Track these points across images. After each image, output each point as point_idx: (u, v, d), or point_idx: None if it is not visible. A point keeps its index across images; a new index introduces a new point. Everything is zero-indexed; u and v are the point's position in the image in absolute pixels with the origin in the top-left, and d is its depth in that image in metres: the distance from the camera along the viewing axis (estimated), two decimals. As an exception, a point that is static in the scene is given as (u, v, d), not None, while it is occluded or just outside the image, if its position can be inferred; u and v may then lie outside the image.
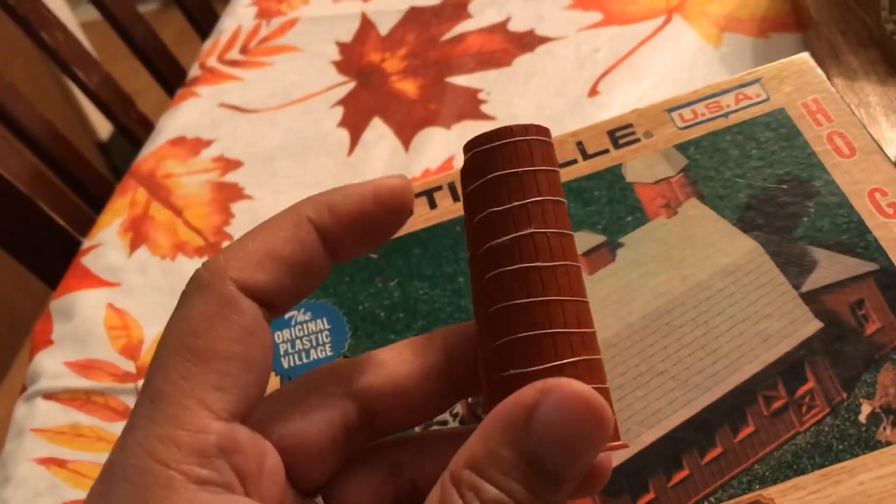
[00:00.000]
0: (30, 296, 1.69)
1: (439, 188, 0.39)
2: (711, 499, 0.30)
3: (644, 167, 0.38)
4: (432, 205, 0.39)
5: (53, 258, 0.64)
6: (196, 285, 0.21)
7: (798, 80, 0.39)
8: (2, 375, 1.66)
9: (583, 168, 0.39)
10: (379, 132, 0.59)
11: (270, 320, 0.22)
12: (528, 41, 0.62)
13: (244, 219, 0.56)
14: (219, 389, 0.20)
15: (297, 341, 0.36)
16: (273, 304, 0.21)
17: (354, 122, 0.61)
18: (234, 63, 0.70)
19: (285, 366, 0.36)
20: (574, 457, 0.19)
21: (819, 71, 0.39)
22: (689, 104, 0.39)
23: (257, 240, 0.21)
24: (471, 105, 0.59)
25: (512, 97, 0.59)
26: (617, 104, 0.55)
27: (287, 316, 0.37)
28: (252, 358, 0.20)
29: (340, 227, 0.22)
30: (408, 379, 0.24)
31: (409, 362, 0.24)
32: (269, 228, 0.22)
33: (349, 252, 0.23)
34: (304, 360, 0.36)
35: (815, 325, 0.33)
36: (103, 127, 1.98)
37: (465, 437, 0.20)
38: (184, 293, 0.21)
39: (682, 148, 0.38)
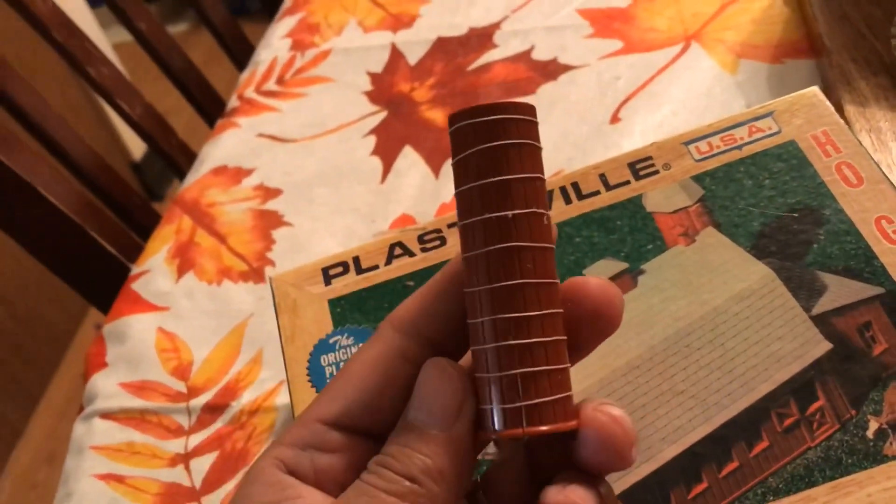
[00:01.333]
0: (67, 315, 1.74)
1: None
2: (729, 510, 0.32)
3: (663, 197, 0.41)
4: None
5: (103, 283, 0.68)
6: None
7: (808, 112, 0.41)
8: (42, 391, 1.70)
9: (605, 199, 0.41)
10: (410, 160, 0.62)
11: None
12: (552, 69, 0.65)
13: (285, 245, 0.59)
14: (331, 400, 0.24)
15: (342, 364, 0.39)
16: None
17: (386, 151, 0.64)
18: (270, 94, 0.73)
19: (331, 388, 0.39)
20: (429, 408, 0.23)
21: (828, 104, 0.41)
22: (704, 137, 0.42)
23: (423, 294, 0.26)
24: (498, 132, 0.61)
25: (537, 124, 0.61)
26: (637, 130, 0.58)
27: (331, 340, 0.40)
28: (357, 382, 0.25)
29: None
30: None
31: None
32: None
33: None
34: (349, 383, 0.38)
35: (824, 346, 0.35)
36: (136, 147, 2.03)
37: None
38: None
39: (698, 179, 0.41)
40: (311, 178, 0.64)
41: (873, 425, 0.33)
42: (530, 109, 0.23)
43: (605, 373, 0.37)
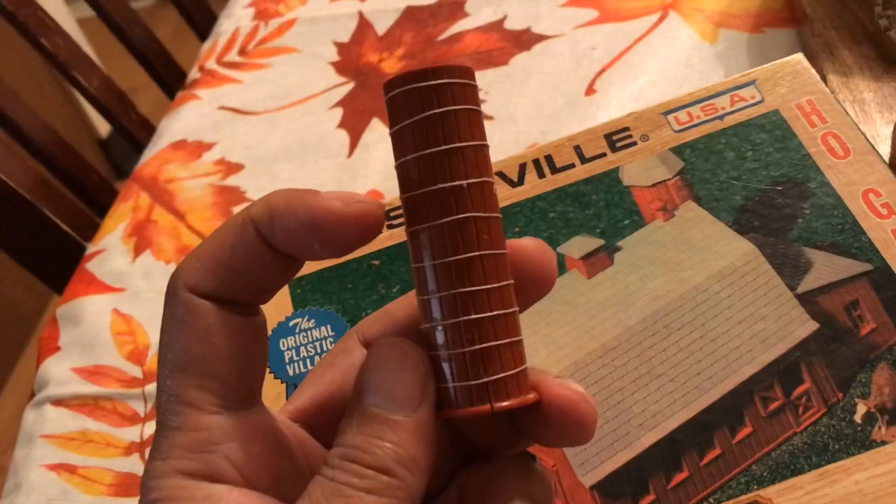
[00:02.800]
0: (34, 294, 1.70)
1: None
2: (711, 499, 0.31)
3: (641, 170, 0.39)
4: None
5: (58, 263, 0.65)
6: (166, 297, 0.22)
7: (792, 81, 0.39)
8: (7, 373, 1.66)
9: (580, 172, 0.39)
10: (378, 133, 0.60)
11: (253, 313, 0.23)
12: (525, 40, 0.63)
13: (246, 222, 0.56)
14: (200, 387, 0.21)
15: (302, 348, 0.37)
16: (236, 302, 0.22)
17: (354, 124, 0.61)
18: (232, 65, 0.70)
19: (290, 373, 0.36)
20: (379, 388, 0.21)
21: (813, 72, 0.39)
22: (684, 107, 0.40)
23: (206, 246, 0.22)
24: (469, 105, 0.59)
25: (510, 96, 0.59)
26: (614, 102, 0.55)
27: (291, 323, 0.38)
28: (221, 351, 0.22)
29: (282, 237, 0.22)
30: (412, 323, 0.25)
31: (409, 306, 0.26)
32: (218, 234, 0.22)
33: (302, 255, 0.23)
34: (310, 367, 0.36)
35: (810, 326, 0.33)
36: (103, 124, 1.98)
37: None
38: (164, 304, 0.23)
39: (678, 151, 0.39)
40: (275, 152, 0.61)
41: (861, 409, 0.31)
42: (471, 72, 0.22)
43: (579, 355, 0.35)
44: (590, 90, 0.57)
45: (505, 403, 0.21)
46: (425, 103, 0.21)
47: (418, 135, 0.21)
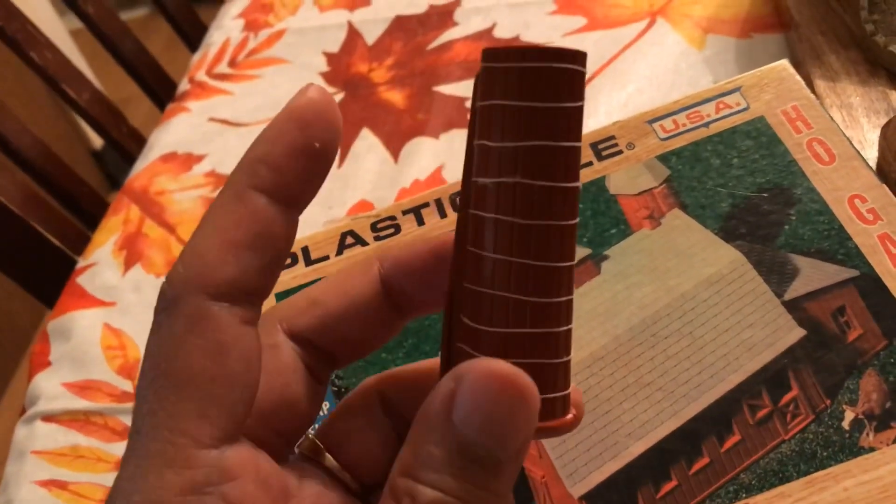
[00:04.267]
0: (30, 306, 1.70)
1: (427, 205, 0.40)
2: (699, 509, 0.31)
3: (627, 179, 0.39)
4: (420, 221, 0.40)
5: (50, 277, 0.65)
6: (163, 304, 0.19)
7: (778, 87, 0.39)
8: (3, 387, 1.66)
9: (567, 181, 0.39)
10: (368, 143, 0.60)
11: (256, 317, 0.20)
12: (514, 48, 0.63)
13: (237, 234, 0.56)
14: (202, 416, 0.19)
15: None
16: (253, 292, 0.20)
17: (344, 134, 0.61)
18: (222, 77, 0.70)
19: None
20: (503, 439, 0.18)
21: (798, 78, 0.40)
22: (670, 115, 0.40)
23: (208, 233, 0.19)
24: (458, 113, 0.59)
25: (499, 105, 0.59)
26: (602, 110, 0.55)
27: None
28: (233, 373, 0.19)
29: (284, 187, 0.20)
30: (344, 312, 0.23)
31: (343, 296, 0.24)
32: (214, 216, 0.20)
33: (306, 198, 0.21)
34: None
35: (798, 333, 0.33)
36: (97, 135, 1.98)
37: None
38: (154, 314, 0.20)
39: (664, 158, 0.39)
40: (265, 163, 0.61)
41: (849, 415, 0.31)
42: (584, 58, 0.20)
43: (568, 365, 0.35)
44: (578, 98, 0.57)
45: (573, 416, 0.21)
46: (560, 89, 0.19)
47: (525, 120, 0.19)
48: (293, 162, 0.19)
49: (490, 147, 0.19)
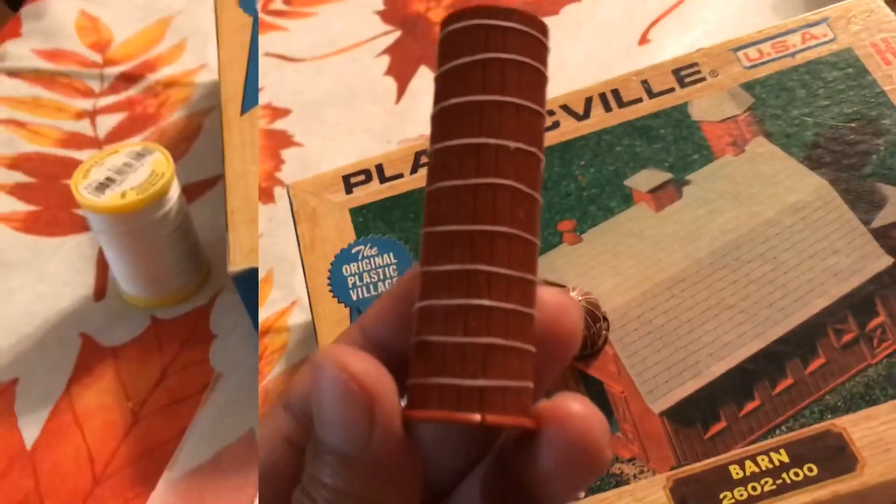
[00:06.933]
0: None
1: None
2: (783, 427, 0.30)
3: (710, 106, 0.38)
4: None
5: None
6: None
7: (866, 19, 0.39)
8: None
9: (648, 106, 0.39)
10: (426, 80, 0.59)
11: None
12: (576, -10, 0.62)
13: (294, 165, 0.56)
14: None
15: (365, 274, 0.37)
16: None
17: (401, 71, 0.61)
18: (278, 13, 0.69)
19: (353, 298, 0.36)
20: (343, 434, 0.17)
21: (888, 10, 0.39)
22: (754, 43, 0.39)
23: None
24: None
25: (560, 45, 0.58)
26: (669, 53, 0.55)
27: (354, 250, 0.37)
28: None
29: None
30: None
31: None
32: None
33: None
34: (373, 293, 0.36)
35: (886, 261, 0.33)
36: None
37: None
38: None
39: (748, 87, 0.38)
40: (322, 97, 0.60)
41: (937, 343, 0.31)
42: (540, 25, 0.18)
43: (647, 286, 0.35)
44: (643, 39, 0.56)
45: (498, 418, 0.16)
46: (472, 44, 0.17)
47: (458, 78, 0.17)
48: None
49: (446, 108, 0.18)
